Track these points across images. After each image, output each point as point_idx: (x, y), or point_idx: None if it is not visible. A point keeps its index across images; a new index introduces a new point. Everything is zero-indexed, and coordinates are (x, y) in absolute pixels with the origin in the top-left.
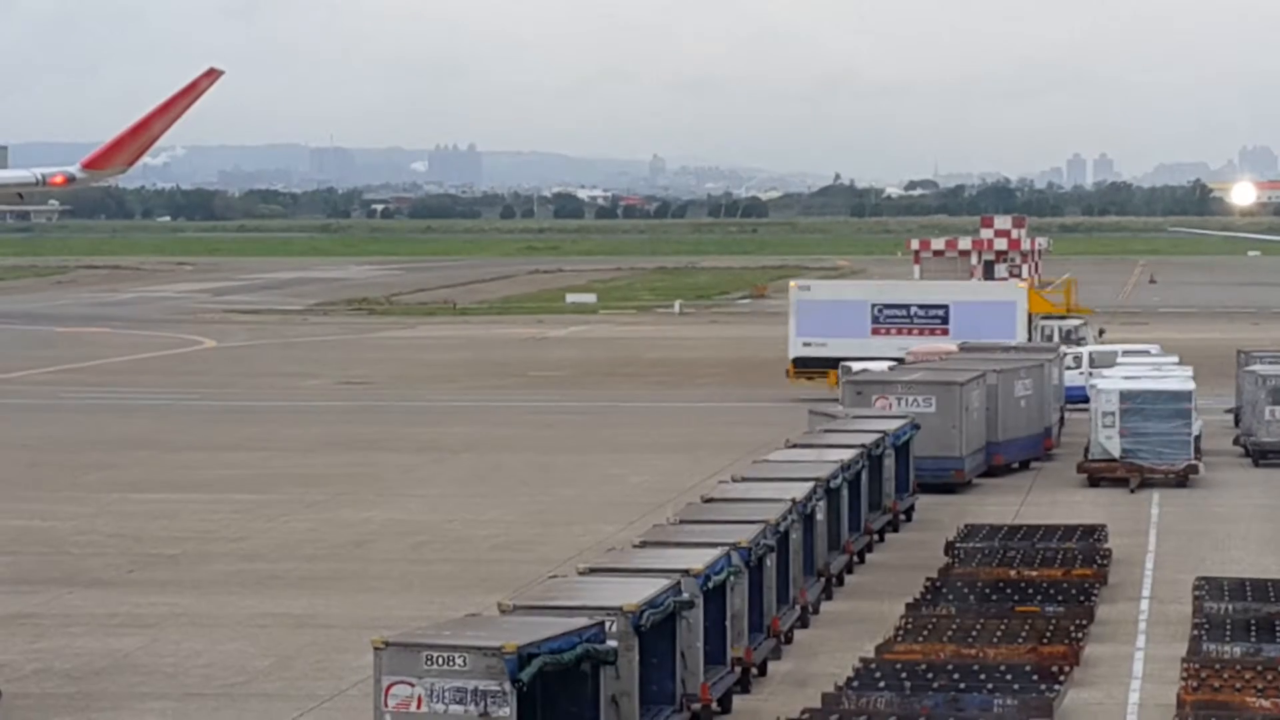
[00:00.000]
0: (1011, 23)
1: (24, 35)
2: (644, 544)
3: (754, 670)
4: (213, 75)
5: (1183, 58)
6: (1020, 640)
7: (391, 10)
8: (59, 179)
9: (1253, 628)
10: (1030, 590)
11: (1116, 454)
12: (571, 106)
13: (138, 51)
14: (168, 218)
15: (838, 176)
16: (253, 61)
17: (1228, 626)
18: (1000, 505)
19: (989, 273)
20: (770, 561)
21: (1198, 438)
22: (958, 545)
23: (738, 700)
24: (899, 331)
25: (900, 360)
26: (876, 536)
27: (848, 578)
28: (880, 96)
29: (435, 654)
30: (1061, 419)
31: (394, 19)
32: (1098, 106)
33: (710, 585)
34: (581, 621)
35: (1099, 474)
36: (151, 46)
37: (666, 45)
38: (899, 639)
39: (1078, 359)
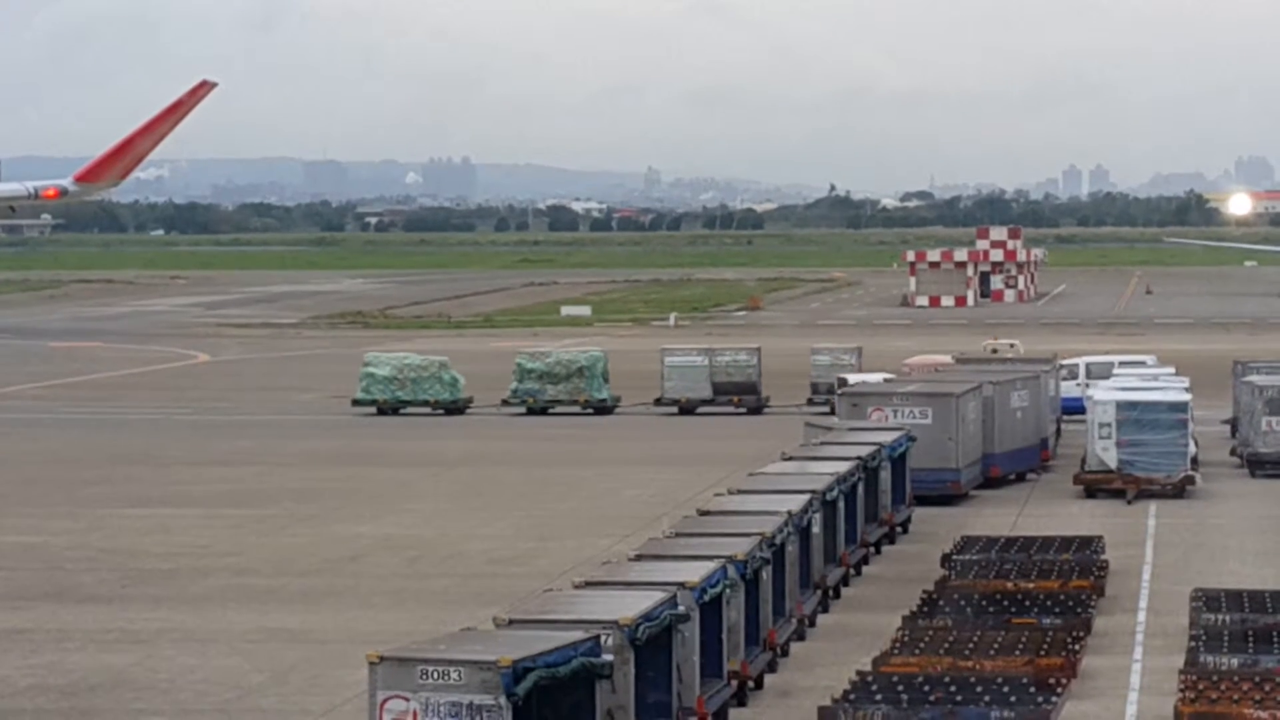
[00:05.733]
0: (1008, 36)
1: (22, 49)
2: (640, 557)
3: (750, 684)
4: (205, 88)
5: (1178, 69)
6: (1017, 652)
7: (385, 24)
8: (51, 192)
9: (1250, 639)
10: (1027, 602)
11: (1113, 465)
12: (566, 119)
13: (133, 66)
14: (160, 231)
15: (833, 188)
16: (246, 75)
17: (1225, 638)
18: (997, 517)
19: (985, 284)
20: (766, 574)
21: (1194, 457)
22: (954, 557)
23: (734, 714)
24: None
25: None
26: (873, 549)
27: (844, 590)
28: (876, 109)
29: (430, 668)
30: (1058, 430)
31: (388, 33)
32: (1093, 118)
33: (706, 598)
34: (577, 635)
35: (1096, 485)
36: (148, 61)
37: (661, 58)
38: (895, 652)
39: (1073, 371)
